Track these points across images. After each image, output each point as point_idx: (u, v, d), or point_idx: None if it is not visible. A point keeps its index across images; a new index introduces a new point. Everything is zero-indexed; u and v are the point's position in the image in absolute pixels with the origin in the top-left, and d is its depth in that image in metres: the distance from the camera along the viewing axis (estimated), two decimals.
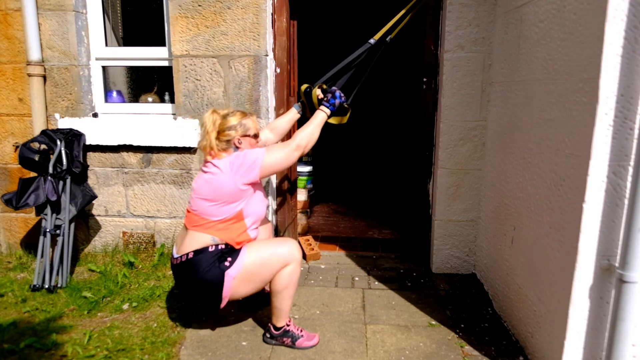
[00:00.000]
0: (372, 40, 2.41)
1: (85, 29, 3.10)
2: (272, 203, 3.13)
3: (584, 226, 1.65)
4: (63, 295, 2.68)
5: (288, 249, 2.07)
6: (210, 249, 2.01)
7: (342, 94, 2.25)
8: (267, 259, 2.04)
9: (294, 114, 2.47)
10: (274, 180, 3.12)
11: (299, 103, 2.48)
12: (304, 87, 2.43)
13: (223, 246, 2.03)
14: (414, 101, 3.30)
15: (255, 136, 2.13)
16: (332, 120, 2.32)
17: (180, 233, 2.17)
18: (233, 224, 2.04)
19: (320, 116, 2.18)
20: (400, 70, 5.42)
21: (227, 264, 2.00)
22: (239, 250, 2.06)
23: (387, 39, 2.49)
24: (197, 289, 2.04)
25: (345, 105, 2.30)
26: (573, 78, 1.72)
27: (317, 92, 2.36)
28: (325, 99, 2.22)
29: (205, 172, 2.05)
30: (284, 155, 2.03)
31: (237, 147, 2.05)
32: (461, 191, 2.92)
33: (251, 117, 2.14)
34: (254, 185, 2.05)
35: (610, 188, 1.61)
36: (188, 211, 2.11)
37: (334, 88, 2.26)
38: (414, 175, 3.22)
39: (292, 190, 3.27)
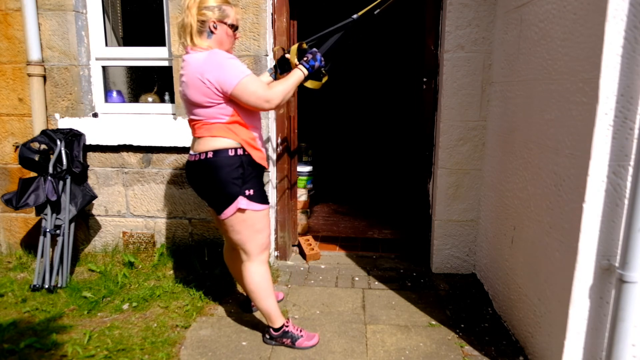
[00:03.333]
0: (354, 16, 2.36)
1: (85, 29, 3.10)
2: (272, 203, 3.13)
3: (584, 226, 1.65)
4: (63, 295, 2.68)
5: (266, 246, 2.13)
6: (230, 153, 1.98)
7: (323, 58, 2.17)
8: (257, 229, 2.06)
9: (266, 77, 2.37)
10: (274, 180, 3.12)
11: (272, 67, 2.38)
12: (276, 48, 2.33)
13: (241, 151, 1.99)
14: (414, 101, 3.29)
15: (233, 27, 2.04)
16: (308, 84, 2.23)
17: (192, 142, 2.11)
18: (235, 125, 1.99)
19: (297, 75, 2.09)
20: (400, 70, 5.43)
21: (247, 192, 1.99)
22: (262, 196, 2.07)
23: (375, 12, 2.42)
24: (209, 188, 2.04)
25: (323, 71, 2.25)
26: (573, 78, 1.72)
27: (295, 49, 2.22)
28: (305, 59, 2.13)
29: (182, 75, 1.99)
30: (258, 95, 1.93)
31: (211, 32, 1.98)
32: (461, 191, 2.92)
33: (235, 7, 2.06)
34: (232, 104, 1.96)
35: (610, 188, 1.61)
36: (189, 121, 2.07)
37: (314, 50, 2.17)
38: (414, 175, 3.22)
39: (292, 190, 3.27)
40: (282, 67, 2.31)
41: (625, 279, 1.56)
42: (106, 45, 3.20)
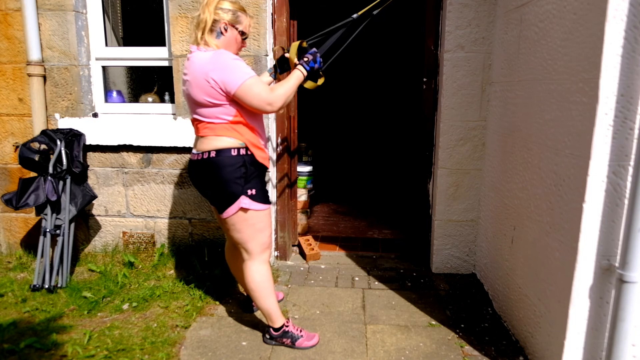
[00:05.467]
0: (354, 15, 2.37)
1: (85, 29, 3.10)
2: (272, 203, 3.13)
3: (584, 226, 1.65)
4: (63, 295, 2.68)
5: (268, 245, 2.14)
6: (233, 152, 1.98)
7: (322, 60, 2.18)
8: (259, 228, 2.07)
9: (266, 77, 2.39)
10: (274, 179, 3.12)
11: (272, 67, 2.40)
12: (275, 47, 2.34)
13: (244, 151, 2.00)
14: (414, 101, 3.30)
15: (243, 34, 2.08)
16: (305, 84, 2.25)
17: (195, 141, 2.12)
18: (239, 125, 1.99)
19: (297, 75, 2.09)
20: (400, 70, 5.43)
21: (249, 192, 2.00)
22: (264, 196, 2.07)
23: (374, 12, 2.43)
24: (211, 187, 2.04)
25: (320, 72, 2.25)
26: (573, 78, 1.72)
27: (295, 47, 2.22)
28: (305, 59, 2.13)
29: (186, 74, 2.00)
30: (261, 97, 1.93)
31: (221, 33, 2.00)
32: (461, 191, 2.92)
33: (250, 17, 2.10)
34: (235, 104, 1.96)
35: (610, 188, 1.61)
36: (192, 120, 2.08)
37: (314, 50, 2.17)
38: (414, 175, 3.22)
39: (292, 190, 3.27)
40: (281, 67, 2.32)
41: (625, 279, 1.56)
42: (106, 45, 3.20)
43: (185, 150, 3.06)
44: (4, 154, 3.21)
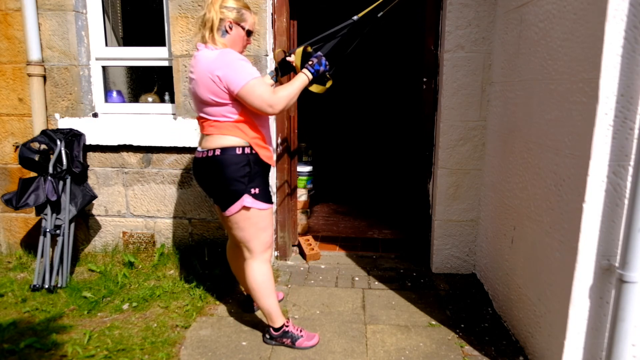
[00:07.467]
0: (355, 17, 2.36)
1: (85, 29, 3.10)
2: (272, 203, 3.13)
3: (584, 226, 1.65)
4: (63, 295, 2.68)
5: (270, 244, 2.16)
6: (237, 151, 1.99)
7: (327, 63, 2.18)
8: (261, 227, 2.09)
9: (267, 79, 2.38)
10: (274, 179, 3.12)
11: (273, 70, 2.39)
12: (277, 50, 2.32)
13: (249, 150, 2.00)
14: (414, 101, 3.30)
15: (249, 32, 2.09)
16: (312, 88, 2.21)
17: (200, 138, 2.13)
18: (243, 124, 2.00)
19: (302, 79, 2.09)
20: (400, 70, 5.43)
21: (252, 191, 2.01)
22: (267, 196, 2.08)
23: (379, 15, 2.41)
24: (215, 185, 2.05)
25: (328, 75, 2.25)
26: (573, 78, 1.72)
27: (300, 52, 2.21)
28: (310, 63, 2.13)
29: (192, 72, 2.01)
30: (263, 99, 1.93)
31: (226, 32, 2.01)
32: (461, 191, 2.92)
33: (254, 15, 2.12)
34: (238, 104, 1.96)
35: (610, 188, 1.61)
36: (198, 118, 2.09)
37: (319, 53, 2.18)
38: (414, 175, 3.22)
39: (292, 190, 3.27)
40: (283, 70, 2.31)
41: (625, 279, 1.56)
42: (106, 45, 3.20)
43: (185, 150, 3.06)
44: (4, 154, 3.21)
